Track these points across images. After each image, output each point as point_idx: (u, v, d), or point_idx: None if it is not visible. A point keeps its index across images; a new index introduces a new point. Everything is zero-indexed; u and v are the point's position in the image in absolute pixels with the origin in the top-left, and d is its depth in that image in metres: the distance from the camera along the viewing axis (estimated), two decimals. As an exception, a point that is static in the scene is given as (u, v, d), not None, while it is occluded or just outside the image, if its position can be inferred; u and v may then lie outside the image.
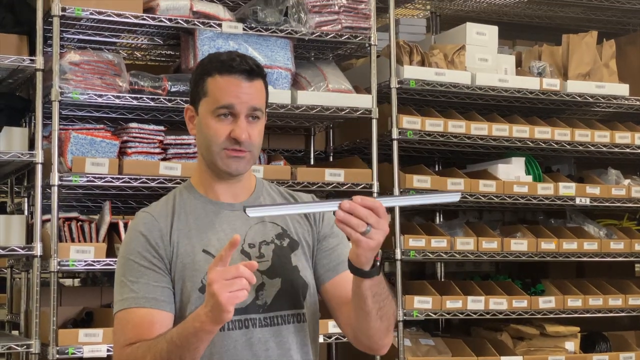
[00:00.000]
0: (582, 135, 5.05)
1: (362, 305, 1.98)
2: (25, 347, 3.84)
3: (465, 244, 4.69)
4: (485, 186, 4.75)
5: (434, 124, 4.66)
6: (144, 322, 1.99)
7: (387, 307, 2.02)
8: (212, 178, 2.14)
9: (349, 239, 1.89)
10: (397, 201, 2.05)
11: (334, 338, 4.26)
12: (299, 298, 2.11)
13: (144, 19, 4.06)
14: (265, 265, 2.07)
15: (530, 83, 4.92)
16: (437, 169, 5.44)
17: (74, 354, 3.78)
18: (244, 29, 4.21)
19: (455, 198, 1.98)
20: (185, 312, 2.01)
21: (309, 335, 2.13)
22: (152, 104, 4.04)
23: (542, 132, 4.94)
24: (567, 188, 4.95)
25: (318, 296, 2.18)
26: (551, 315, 4.85)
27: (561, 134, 4.99)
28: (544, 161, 5.51)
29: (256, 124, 2.09)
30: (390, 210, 4.86)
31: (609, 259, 5.04)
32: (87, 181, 3.88)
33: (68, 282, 6.17)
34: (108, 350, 3.82)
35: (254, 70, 2.09)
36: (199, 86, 2.10)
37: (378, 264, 1.94)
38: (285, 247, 2.12)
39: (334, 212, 1.85)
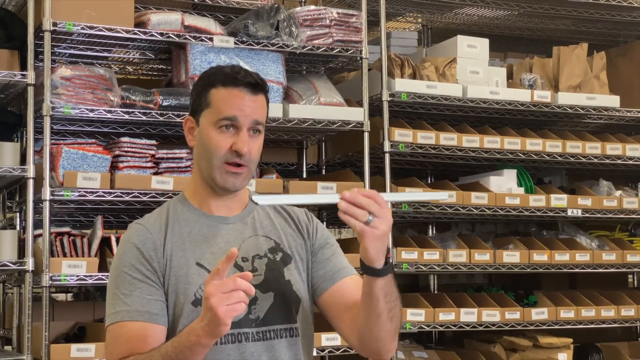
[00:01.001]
0: (574, 146, 5.07)
1: (374, 306, 1.97)
2: (17, 362, 3.83)
3: (457, 256, 4.70)
4: (478, 198, 4.76)
5: (426, 137, 4.67)
6: (137, 336, 1.98)
7: (397, 309, 2.02)
8: (207, 192, 2.13)
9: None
10: (392, 197, 2.07)
11: (327, 351, 4.25)
12: (292, 312, 2.11)
13: (135, 34, 4.06)
14: (258, 280, 2.07)
15: (521, 95, 4.94)
16: (429, 182, 5.45)
17: (66, 369, 3.76)
18: (235, 43, 4.22)
19: (443, 196, 2.01)
20: (178, 326, 2.01)
21: (302, 349, 2.13)
22: (144, 118, 4.04)
23: (534, 144, 4.96)
24: (558, 200, 4.97)
25: (315, 308, 2.18)
26: (544, 327, 4.86)
27: (552, 146, 5.01)
28: (536, 173, 5.52)
29: (257, 138, 2.09)
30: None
31: (601, 270, 5.05)
32: (79, 196, 3.87)
33: (61, 296, 6.15)
34: (100, 365, 3.81)
35: (258, 85, 2.09)
36: (201, 97, 2.10)
37: (390, 261, 1.95)
38: (278, 261, 2.12)
39: (337, 204, 1.86)
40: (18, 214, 4.53)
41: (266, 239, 2.14)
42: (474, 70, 4.88)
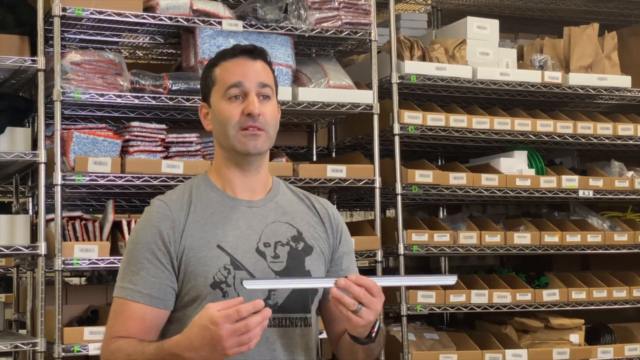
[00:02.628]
0: (585, 127, 5.05)
1: (354, 354, 2.07)
2: (31, 345, 3.87)
3: (468, 238, 4.70)
4: (488, 180, 4.75)
5: (436, 119, 4.66)
6: (135, 318, 2.02)
7: (376, 352, 2.09)
8: (231, 171, 2.13)
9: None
10: (393, 281, 2.11)
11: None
12: (308, 303, 2.12)
13: (144, 18, 4.07)
14: (280, 267, 2.08)
15: (532, 76, 4.92)
16: (439, 164, 5.44)
17: (80, 351, 3.80)
18: (244, 27, 4.22)
19: (451, 281, 2.02)
20: (198, 308, 2.00)
21: (313, 339, 2.16)
22: (154, 102, 4.06)
23: (545, 125, 4.94)
24: (570, 181, 4.96)
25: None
26: (555, 308, 4.86)
27: (563, 127, 4.99)
28: (547, 154, 5.51)
29: (268, 102, 2.10)
30: (393, 205, 4.87)
31: (612, 251, 5.04)
32: (90, 180, 3.89)
33: (74, 280, 6.20)
34: (113, 348, 3.83)
35: (256, 49, 2.14)
36: (207, 79, 2.14)
37: (374, 335, 2.00)
38: (300, 250, 2.12)
39: (330, 289, 1.91)
40: (30, 199, 4.56)
41: (288, 227, 2.14)
42: (484, 52, 4.86)
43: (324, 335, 2.32)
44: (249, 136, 2.06)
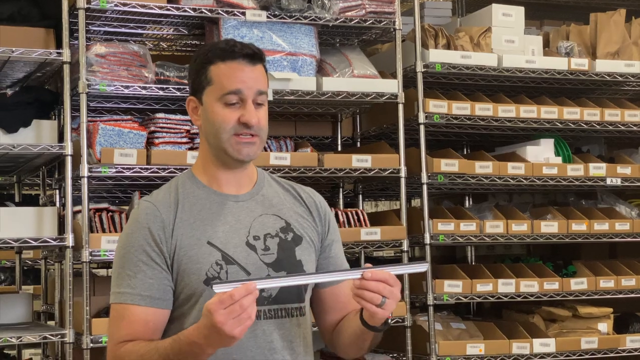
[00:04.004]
0: (612, 114, 5.01)
1: (359, 343, 2.09)
2: (59, 336, 3.90)
3: (494, 227, 4.67)
4: (514, 168, 4.72)
5: (461, 107, 4.64)
6: (138, 320, 2.02)
7: (376, 341, 2.11)
8: (217, 168, 2.13)
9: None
10: (404, 269, 2.13)
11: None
12: (302, 292, 2.14)
13: (168, 10, 4.07)
14: (271, 258, 2.09)
15: (558, 63, 4.88)
16: (465, 153, 5.41)
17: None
18: (267, 17, 4.22)
19: (423, 269, 2.02)
20: (195, 306, 2.03)
21: (309, 328, 2.18)
22: (178, 94, 4.06)
23: (571, 113, 4.90)
24: (597, 169, 4.92)
25: None
26: (583, 297, 4.82)
27: (590, 114, 4.95)
28: (574, 142, 5.46)
29: (262, 109, 2.10)
30: (419, 194, 4.85)
31: (641, 239, 5.00)
32: (116, 172, 3.91)
33: (101, 272, 6.24)
34: (141, 339, 3.85)
35: (256, 55, 2.10)
36: (201, 76, 2.10)
37: (388, 321, 2.02)
38: (290, 241, 2.13)
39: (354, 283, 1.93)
40: (57, 191, 4.59)
41: (276, 218, 2.15)
42: (509, 39, 4.82)
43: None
44: (242, 143, 2.07)
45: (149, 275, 2.03)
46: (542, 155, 4.87)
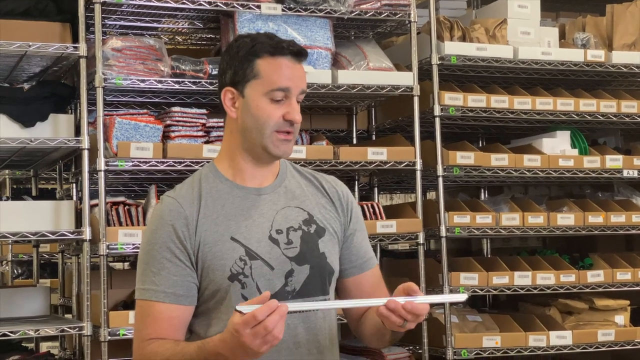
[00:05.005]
0: (629, 106, 4.98)
1: (380, 337, 2.09)
2: (77, 329, 3.93)
3: (510, 219, 4.66)
4: (530, 161, 4.71)
5: (477, 100, 4.62)
6: (163, 318, 2.04)
7: (398, 336, 2.10)
8: (245, 162, 2.12)
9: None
10: (442, 298, 2.15)
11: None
12: (326, 284, 2.13)
13: (183, 3, 4.08)
14: (294, 252, 2.09)
15: (574, 55, 4.85)
16: (480, 145, 5.40)
17: (125, 335, 3.85)
18: (283, 10, 4.21)
19: (462, 298, 2.05)
20: (221, 302, 2.05)
21: (334, 320, 2.18)
22: (194, 87, 4.07)
23: (588, 105, 4.88)
24: (614, 160, 4.89)
25: None
26: (600, 289, 4.81)
27: (607, 106, 4.92)
28: (590, 134, 5.44)
29: (298, 105, 2.11)
30: (434, 187, 4.85)
31: (658, 231, 4.97)
32: (133, 165, 3.93)
33: (118, 265, 6.27)
34: (158, 332, 3.87)
35: (302, 52, 2.11)
36: (246, 68, 2.08)
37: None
38: (312, 233, 2.13)
39: (378, 308, 1.93)
40: (74, 185, 4.62)
41: (299, 210, 2.14)
42: (525, 31, 4.80)
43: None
44: (283, 141, 2.07)
45: (173, 273, 2.04)
46: (558, 148, 4.86)
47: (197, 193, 2.10)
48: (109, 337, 3.83)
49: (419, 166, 4.43)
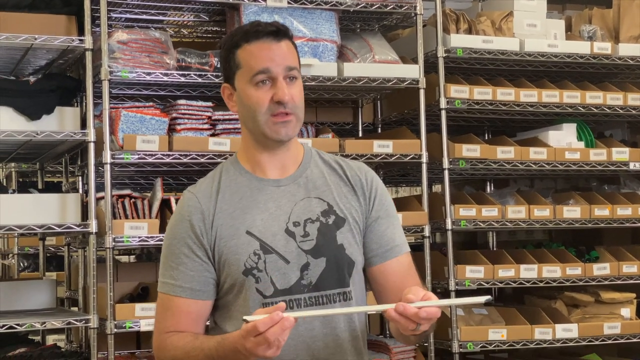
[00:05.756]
0: (635, 99, 4.97)
1: (404, 336, 2.02)
2: (84, 322, 3.93)
3: (516, 212, 4.66)
4: (536, 154, 4.70)
5: (483, 92, 4.61)
6: (181, 312, 2.07)
7: (425, 335, 2.04)
8: (258, 152, 2.11)
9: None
10: (464, 301, 2.00)
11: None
12: (345, 276, 2.10)
13: (189, -4, 4.08)
14: (310, 245, 2.07)
15: (580, 47, 4.84)
16: (486, 138, 5.39)
17: (131, 327, 3.86)
18: (288, 2, 4.21)
19: (484, 300, 1.89)
20: (238, 295, 2.05)
21: (355, 313, 2.13)
22: (200, 80, 4.07)
23: (594, 97, 4.87)
24: (620, 153, 4.88)
25: None
26: (606, 282, 4.80)
27: (613, 99, 4.91)
28: (596, 126, 5.42)
29: (295, 84, 2.07)
30: (440, 180, 4.84)
31: (664, 224, 4.96)
32: (139, 158, 3.93)
33: (124, 258, 6.28)
34: (164, 324, 3.88)
35: (280, 31, 2.08)
36: (230, 61, 2.09)
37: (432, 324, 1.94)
38: (331, 224, 2.10)
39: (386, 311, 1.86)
40: (80, 178, 4.62)
41: (319, 201, 2.11)
42: (531, 24, 4.79)
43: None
44: (279, 124, 2.04)
45: (190, 268, 2.06)
46: (564, 140, 4.85)
47: (216, 187, 2.11)
48: (115, 330, 3.84)
49: (424, 159, 4.43)
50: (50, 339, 5.56)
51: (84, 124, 4.06)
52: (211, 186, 2.12)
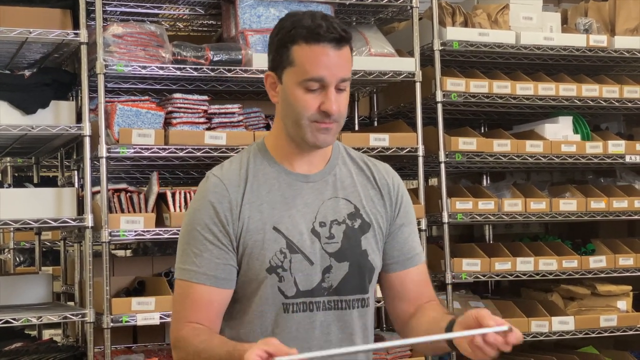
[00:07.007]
0: (631, 91, 4.96)
1: (435, 349, 1.99)
2: (80, 316, 3.93)
3: (513, 205, 4.66)
4: (532, 147, 4.70)
5: (479, 86, 4.61)
6: (203, 300, 1.99)
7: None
8: (290, 147, 2.05)
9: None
10: (487, 329, 1.92)
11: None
12: (365, 283, 2.07)
13: (184, -11, 4.07)
14: (335, 247, 2.03)
15: (576, 40, 4.84)
16: (482, 131, 5.39)
17: (128, 322, 3.85)
18: (284, -4, 4.20)
19: (505, 328, 1.81)
20: (256, 292, 2.00)
21: (370, 318, 2.11)
22: (195, 74, 4.06)
23: (590, 90, 4.86)
24: (616, 146, 4.88)
25: None
26: (602, 275, 4.81)
27: (609, 91, 4.91)
28: (592, 119, 5.42)
29: (343, 94, 2.00)
30: (436, 173, 4.83)
31: (660, 216, 4.96)
32: (135, 152, 3.92)
33: (120, 253, 6.27)
34: (161, 318, 3.88)
35: (343, 38, 1.97)
36: (282, 54, 1.99)
37: None
38: (357, 228, 2.06)
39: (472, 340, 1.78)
40: (75, 172, 4.61)
41: (346, 203, 2.07)
42: (527, 16, 4.79)
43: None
44: (321, 130, 1.97)
45: (215, 255, 1.99)
46: (560, 133, 4.84)
47: (244, 175, 2.04)
48: (112, 324, 3.83)
49: (421, 152, 4.42)
50: (47, 334, 5.56)
51: (79, 118, 4.05)
52: (238, 173, 2.04)
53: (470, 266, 4.54)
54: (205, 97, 4.15)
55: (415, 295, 2.10)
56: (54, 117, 4.00)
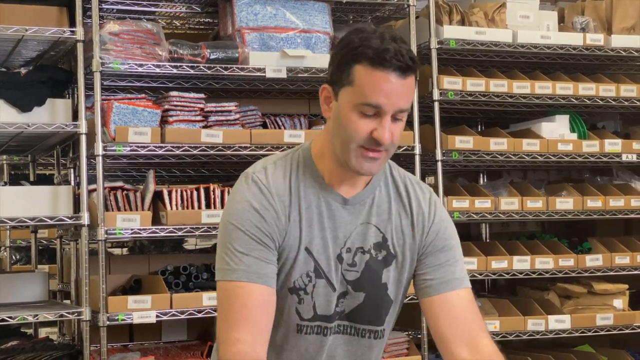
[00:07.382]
0: (628, 90, 4.97)
1: None
2: (76, 314, 3.92)
3: (509, 203, 4.66)
4: (529, 145, 4.70)
5: (476, 84, 4.61)
6: (254, 301, 1.89)
7: None
8: (334, 165, 1.98)
9: None
10: None
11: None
12: (381, 315, 2.03)
13: (181, -13, 4.06)
14: (354, 276, 1.99)
15: (573, 39, 4.84)
16: (479, 129, 5.39)
17: (124, 320, 3.85)
18: (281, -6, 4.19)
19: None
20: (277, 307, 1.95)
21: (381, 351, 2.08)
22: (192, 72, 4.05)
23: (587, 89, 4.86)
24: (613, 145, 4.88)
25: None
26: (599, 273, 4.81)
27: (606, 90, 4.91)
28: (589, 118, 5.43)
29: (399, 124, 1.92)
30: (433, 172, 4.83)
31: (657, 215, 4.97)
32: (131, 150, 3.91)
33: (117, 251, 6.26)
34: (157, 316, 3.88)
35: (409, 68, 1.87)
36: (343, 71, 1.89)
37: None
38: (380, 260, 2.01)
39: None
40: (72, 170, 4.60)
41: (376, 231, 2.02)
42: (524, 15, 4.79)
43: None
44: (367, 158, 1.90)
45: (265, 256, 1.92)
46: (557, 132, 4.85)
47: (288, 187, 1.97)
48: (108, 322, 3.83)
49: (417, 151, 4.42)
50: (43, 332, 5.55)
51: (75, 116, 4.04)
52: (284, 182, 1.97)
53: (467, 264, 4.52)
54: (202, 95, 4.14)
55: (456, 322, 2.00)
56: (50, 115, 3.99)
